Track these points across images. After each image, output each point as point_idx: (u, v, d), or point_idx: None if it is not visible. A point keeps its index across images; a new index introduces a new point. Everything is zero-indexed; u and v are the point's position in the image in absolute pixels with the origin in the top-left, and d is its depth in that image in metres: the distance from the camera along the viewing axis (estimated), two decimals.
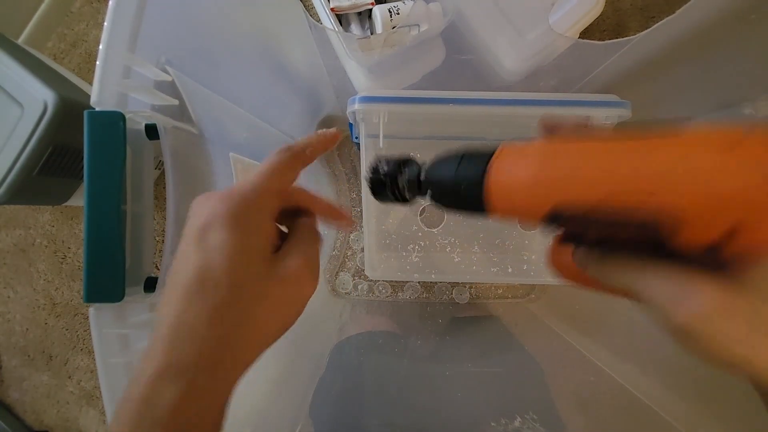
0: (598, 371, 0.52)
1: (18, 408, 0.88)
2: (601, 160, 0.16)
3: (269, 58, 0.55)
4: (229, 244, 0.19)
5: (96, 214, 0.28)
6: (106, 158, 0.29)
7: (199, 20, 0.40)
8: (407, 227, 0.62)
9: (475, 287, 0.78)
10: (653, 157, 0.15)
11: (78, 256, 0.88)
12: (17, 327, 0.88)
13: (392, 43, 0.51)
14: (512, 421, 0.40)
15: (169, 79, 0.33)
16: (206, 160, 0.37)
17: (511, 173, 0.19)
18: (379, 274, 0.59)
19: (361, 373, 0.52)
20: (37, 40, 0.85)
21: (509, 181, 0.19)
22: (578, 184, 0.16)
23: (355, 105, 0.46)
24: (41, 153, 0.62)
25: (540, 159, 0.18)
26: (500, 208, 0.19)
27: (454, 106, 0.46)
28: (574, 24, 0.50)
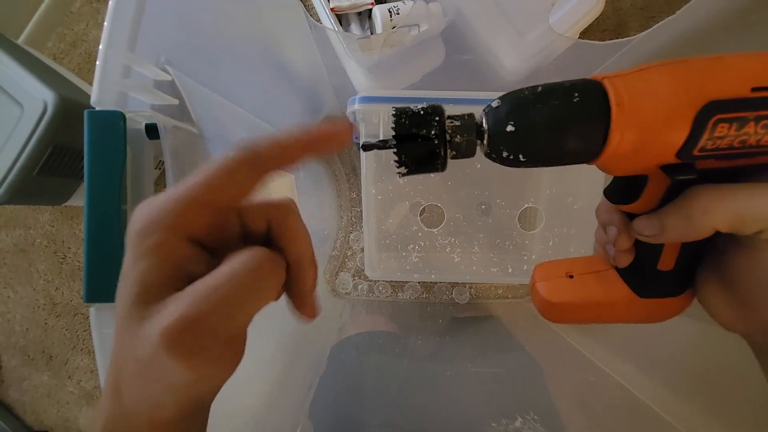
0: (598, 371, 0.52)
1: (18, 408, 0.88)
2: (736, 57, 0.16)
3: (269, 58, 0.55)
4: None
5: (96, 214, 0.28)
6: (106, 158, 0.29)
7: (199, 20, 0.40)
8: (407, 227, 0.62)
9: (475, 287, 0.78)
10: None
11: (78, 256, 0.88)
12: (17, 327, 0.88)
13: (392, 43, 0.51)
14: (513, 422, 0.40)
15: (169, 78, 0.33)
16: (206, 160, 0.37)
17: (648, 81, 0.16)
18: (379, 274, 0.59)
19: (361, 373, 0.52)
20: (37, 40, 0.85)
21: (647, 90, 0.16)
22: (728, 72, 0.16)
23: (355, 105, 0.46)
24: (41, 153, 0.62)
25: (673, 64, 0.17)
26: (637, 123, 0.16)
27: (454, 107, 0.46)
28: (574, 24, 0.50)
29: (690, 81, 0.16)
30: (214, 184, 0.16)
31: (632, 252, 0.23)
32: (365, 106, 0.46)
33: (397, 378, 0.51)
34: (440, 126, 0.18)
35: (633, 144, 0.17)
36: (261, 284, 0.15)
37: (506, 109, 0.18)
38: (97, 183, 0.29)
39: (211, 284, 0.15)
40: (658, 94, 0.16)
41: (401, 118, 0.18)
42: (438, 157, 0.18)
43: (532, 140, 0.17)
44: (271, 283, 0.16)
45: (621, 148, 0.17)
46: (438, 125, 0.18)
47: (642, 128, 0.16)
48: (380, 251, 0.62)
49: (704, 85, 0.16)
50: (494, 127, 0.18)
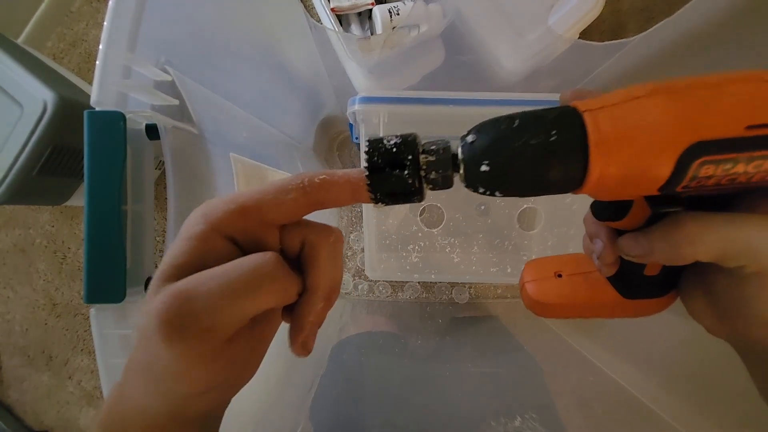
0: (597, 371, 0.52)
1: (18, 408, 0.88)
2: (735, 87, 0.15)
3: (269, 58, 0.55)
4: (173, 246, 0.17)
5: (96, 214, 0.28)
6: (106, 158, 0.29)
7: (198, 20, 0.40)
8: (407, 227, 0.62)
9: (475, 287, 0.78)
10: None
11: (78, 256, 0.88)
12: (17, 327, 0.88)
13: (392, 44, 0.51)
14: (512, 421, 0.40)
15: (169, 79, 0.33)
16: (206, 160, 0.37)
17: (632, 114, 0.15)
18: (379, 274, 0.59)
19: (362, 373, 0.52)
20: (36, 40, 0.85)
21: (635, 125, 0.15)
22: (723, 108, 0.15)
23: (355, 105, 0.46)
24: (41, 153, 0.62)
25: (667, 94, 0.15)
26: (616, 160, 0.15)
27: (455, 107, 0.46)
28: (573, 25, 0.50)
29: (684, 117, 0.15)
30: (264, 200, 0.17)
31: (617, 264, 0.23)
32: (365, 106, 0.46)
33: (397, 378, 0.51)
34: (413, 163, 0.17)
35: (613, 180, 0.16)
36: (257, 284, 0.16)
37: (481, 146, 0.17)
38: (97, 183, 0.29)
39: (214, 271, 0.16)
40: (646, 131, 0.15)
41: (373, 156, 0.17)
42: (414, 194, 0.18)
43: (508, 179, 0.17)
44: (269, 288, 0.16)
45: (601, 184, 0.16)
46: (411, 163, 0.17)
47: (623, 166, 0.15)
48: (380, 251, 0.62)
49: (697, 123, 0.15)
50: (469, 164, 0.17)
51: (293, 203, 0.17)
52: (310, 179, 0.17)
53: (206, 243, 0.17)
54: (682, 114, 0.15)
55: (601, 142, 0.15)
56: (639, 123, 0.15)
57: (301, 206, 0.18)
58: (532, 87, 0.57)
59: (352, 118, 0.49)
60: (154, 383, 0.17)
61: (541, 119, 0.16)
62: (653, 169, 0.15)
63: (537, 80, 0.55)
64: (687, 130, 0.15)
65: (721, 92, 0.15)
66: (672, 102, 0.15)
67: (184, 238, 0.17)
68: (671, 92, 0.15)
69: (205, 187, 0.36)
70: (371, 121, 0.47)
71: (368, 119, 0.48)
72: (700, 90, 0.15)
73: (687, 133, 0.15)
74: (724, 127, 0.15)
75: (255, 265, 0.16)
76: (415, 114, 0.47)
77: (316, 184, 0.17)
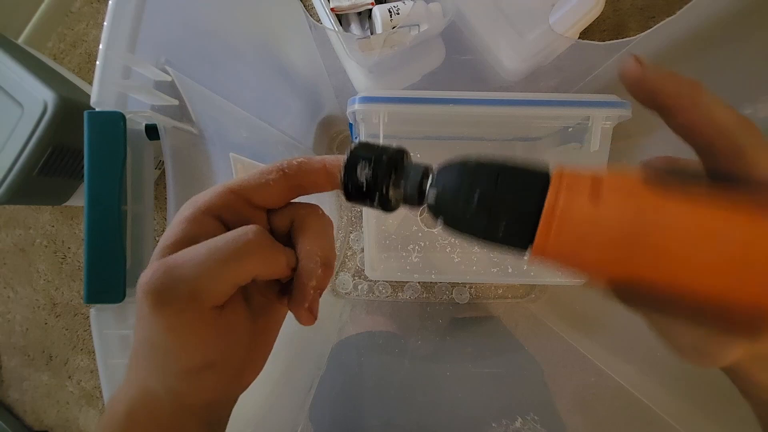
0: (598, 371, 0.52)
1: (18, 408, 0.88)
2: (727, 241, 0.12)
3: (269, 58, 0.55)
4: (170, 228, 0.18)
5: (96, 214, 0.28)
6: (106, 159, 0.29)
7: (199, 20, 0.40)
8: (407, 227, 0.62)
9: (475, 287, 0.78)
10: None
11: (78, 256, 0.88)
12: (17, 327, 0.88)
13: (392, 44, 0.51)
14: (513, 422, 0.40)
15: (169, 79, 0.33)
16: (206, 160, 0.37)
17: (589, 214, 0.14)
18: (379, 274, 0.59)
19: (362, 374, 0.52)
20: (37, 40, 0.85)
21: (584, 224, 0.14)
22: (685, 261, 0.13)
23: (355, 105, 0.46)
24: (41, 153, 0.62)
25: (637, 206, 0.13)
26: (559, 253, 0.14)
27: (454, 107, 0.46)
28: (574, 24, 0.50)
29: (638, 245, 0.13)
30: (248, 180, 0.18)
31: None
32: (365, 106, 0.46)
33: (397, 378, 0.51)
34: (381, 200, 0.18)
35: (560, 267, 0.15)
36: (241, 251, 0.16)
37: (441, 205, 0.17)
38: (97, 184, 0.29)
39: (196, 245, 0.17)
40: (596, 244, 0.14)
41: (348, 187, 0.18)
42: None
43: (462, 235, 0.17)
44: (254, 254, 0.17)
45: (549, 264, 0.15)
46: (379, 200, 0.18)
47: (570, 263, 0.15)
48: (380, 251, 0.62)
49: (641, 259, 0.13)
50: (430, 211, 0.17)
51: (275, 185, 0.18)
52: (289, 162, 0.18)
53: (196, 223, 0.18)
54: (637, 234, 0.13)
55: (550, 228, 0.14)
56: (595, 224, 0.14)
57: (283, 188, 0.19)
58: (532, 86, 0.57)
59: (351, 117, 0.49)
60: (152, 359, 0.17)
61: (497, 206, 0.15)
62: (592, 275, 0.15)
63: (537, 80, 0.55)
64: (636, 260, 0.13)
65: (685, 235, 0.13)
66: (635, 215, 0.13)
67: (175, 222, 0.18)
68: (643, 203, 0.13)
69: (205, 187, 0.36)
70: (371, 120, 0.47)
71: (368, 119, 0.47)
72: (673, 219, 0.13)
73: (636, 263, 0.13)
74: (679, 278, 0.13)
75: (238, 234, 0.17)
76: (415, 114, 0.47)
77: (294, 167, 0.18)
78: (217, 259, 0.16)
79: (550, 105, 0.46)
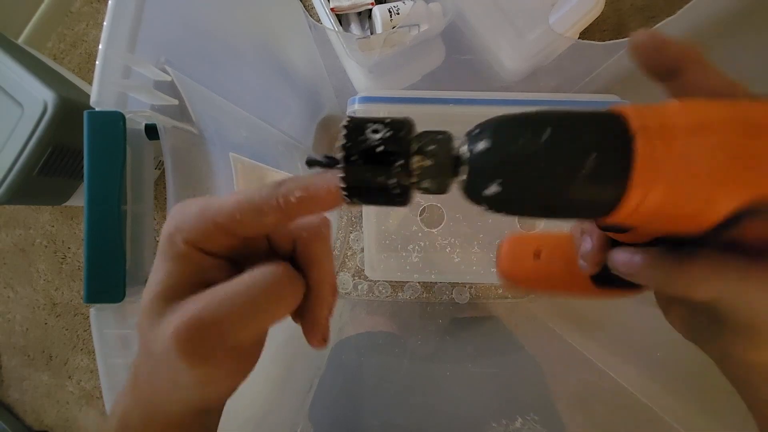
0: (598, 371, 0.52)
1: (18, 408, 0.88)
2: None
3: (269, 58, 0.55)
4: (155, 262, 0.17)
5: (96, 214, 0.28)
6: (106, 159, 0.29)
7: (198, 20, 0.40)
8: (407, 227, 0.62)
9: (475, 287, 0.78)
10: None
11: (78, 256, 0.88)
12: (17, 327, 0.88)
13: (392, 43, 0.51)
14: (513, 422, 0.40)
15: (169, 79, 0.33)
16: (206, 160, 0.37)
17: (699, 148, 0.12)
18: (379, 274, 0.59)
19: (361, 374, 0.52)
20: (37, 40, 0.85)
21: (695, 159, 0.12)
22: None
23: (355, 105, 0.46)
24: (41, 153, 0.62)
25: (749, 130, 0.12)
26: (660, 196, 0.12)
27: (454, 106, 0.46)
28: (573, 24, 0.50)
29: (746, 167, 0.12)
30: (240, 218, 0.15)
31: (599, 267, 0.21)
32: (365, 106, 0.46)
33: (397, 378, 0.51)
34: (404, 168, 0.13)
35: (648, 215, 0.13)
36: (277, 298, 0.16)
37: (495, 160, 0.13)
38: (96, 184, 0.29)
39: (229, 290, 0.15)
40: (709, 171, 0.12)
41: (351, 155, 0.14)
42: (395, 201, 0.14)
43: (522, 204, 0.13)
44: (288, 299, 0.16)
45: (632, 217, 0.13)
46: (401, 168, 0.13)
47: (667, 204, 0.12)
48: (380, 251, 0.62)
49: (751, 180, 0.12)
50: (475, 179, 0.13)
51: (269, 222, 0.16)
52: (286, 199, 0.15)
53: (192, 262, 0.16)
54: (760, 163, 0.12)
55: (651, 172, 0.12)
56: (704, 159, 0.12)
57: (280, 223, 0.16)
58: (532, 86, 0.57)
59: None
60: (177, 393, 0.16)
61: (578, 134, 0.12)
62: (700, 217, 0.13)
63: (537, 80, 0.55)
64: (760, 183, 0.12)
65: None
66: (753, 143, 0.12)
67: (167, 258, 0.16)
68: (755, 128, 0.12)
69: (204, 187, 0.36)
70: None
71: None
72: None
73: (759, 186, 0.12)
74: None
75: (271, 280, 0.15)
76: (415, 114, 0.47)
77: (293, 206, 0.15)
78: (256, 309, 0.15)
79: (551, 105, 0.46)
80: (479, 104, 0.46)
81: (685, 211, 0.13)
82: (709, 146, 0.12)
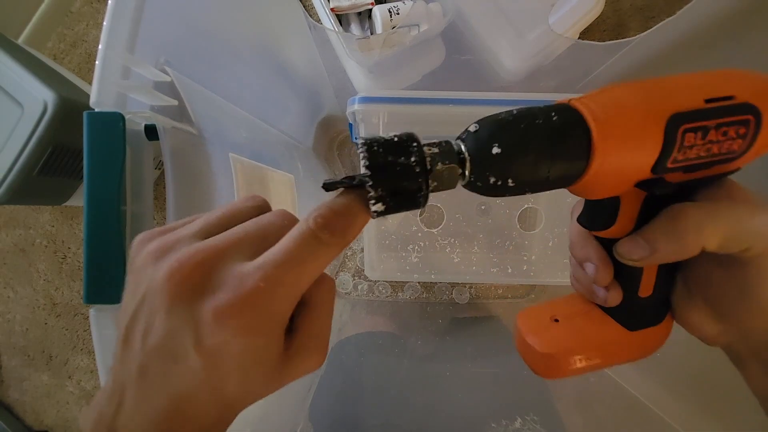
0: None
1: (18, 408, 0.88)
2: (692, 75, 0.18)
3: (269, 59, 0.55)
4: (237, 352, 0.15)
5: (96, 215, 0.28)
6: (106, 159, 0.29)
7: (198, 20, 0.40)
8: (407, 227, 0.62)
9: (475, 287, 0.78)
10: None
11: (78, 256, 0.88)
12: (17, 327, 0.88)
13: (392, 44, 0.50)
14: (513, 422, 0.40)
15: (169, 79, 0.33)
16: (206, 161, 0.37)
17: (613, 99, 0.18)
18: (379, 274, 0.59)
19: (361, 374, 0.52)
20: (37, 40, 0.85)
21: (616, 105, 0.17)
22: (682, 88, 0.18)
23: (354, 105, 0.46)
24: (41, 153, 0.62)
25: (636, 84, 0.18)
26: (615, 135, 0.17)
27: (455, 107, 0.46)
28: (573, 24, 0.50)
29: (651, 97, 0.18)
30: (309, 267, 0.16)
31: (619, 290, 0.22)
32: (365, 106, 0.46)
33: (397, 378, 0.51)
34: (419, 152, 0.16)
35: (615, 159, 0.17)
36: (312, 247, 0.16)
37: (488, 131, 0.17)
38: (96, 185, 0.29)
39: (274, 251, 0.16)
40: (627, 109, 0.17)
41: (373, 146, 0.16)
42: (421, 188, 0.16)
43: (519, 161, 0.17)
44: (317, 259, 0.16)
45: (604, 166, 0.17)
46: (417, 151, 0.16)
47: (621, 141, 0.17)
48: (380, 251, 0.62)
49: (664, 99, 0.17)
50: (478, 151, 0.17)
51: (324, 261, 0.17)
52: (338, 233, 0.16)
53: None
54: (649, 95, 0.18)
55: (597, 119, 0.17)
56: (622, 103, 0.17)
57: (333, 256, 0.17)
58: (532, 87, 0.57)
59: (351, 117, 0.49)
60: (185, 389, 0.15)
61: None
62: (646, 144, 0.17)
63: (537, 80, 0.55)
64: (660, 106, 0.17)
65: (676, 80, 0.18)
66: (637, 88, 0.18)
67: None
68: (633, 83, 0.18)
69: (204, 188, 0.36)
70: (371, 121, 0.47)
71: (368, 119, 0.47)
72: (658, 80, 0.18)
73: (661, 109, 0.17)
74: (688, 102, 0.17)
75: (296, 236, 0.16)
76: (415, 114, 0.47)
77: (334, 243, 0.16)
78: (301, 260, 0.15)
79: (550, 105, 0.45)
80: (479, 104, 0.46)
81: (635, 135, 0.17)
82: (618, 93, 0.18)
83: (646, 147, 0.17)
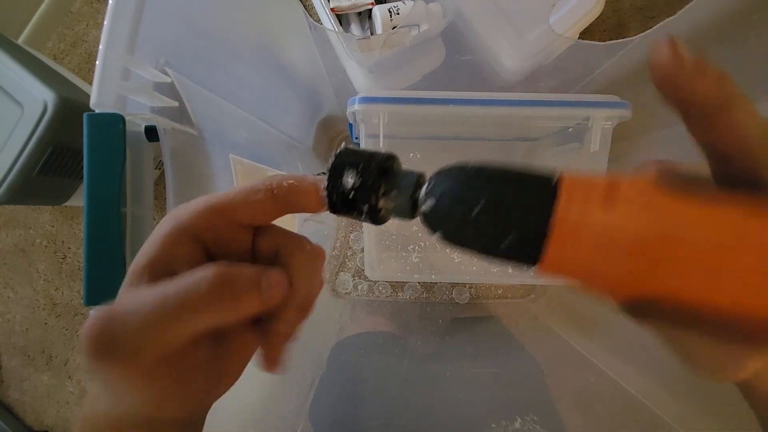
0: (598, 371, 0.52)
1: (18, 408, 0.88)
2: (754, 250, 0.11)
3: (269, 59, 0.55)
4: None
5: (96, 217, 0.28)
6: (106, 161, 0.29)
7: (198, 21, 0.40)
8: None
9: (475, 287, 0.78)
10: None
11: (78, 256, 0.88)
12: (17, 327, 0.88)
13: (392, 44, 0.50)
14: (513, 422, 0.40)
15: (169, 80, 0.33)
16: (206, 162, 0.37)
17: (604, 224, 0.12)
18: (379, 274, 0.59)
19: (361, 374, 0.52)
20: (37, 40, 0.85)
21: (599, 235, 0.13)
22: (710, 273, 0.12)
23: (354, 105, 0.46)
24: (41, 153, 0.62)
25: (657, 214, 0.12)
26: (572, 267, 0.14)
27: (454, 107, 0.46)
28: (573, 24, 0.50)
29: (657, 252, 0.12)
30: (234, 199, 0.17)
31: None
32: (365, 106, 0.46)
33: (397, 378, 0.51)
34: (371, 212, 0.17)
35: (571, 280, 0.14)
36: (196, 305, 0.15)
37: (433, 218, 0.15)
38: (96, 186, 0.29)
39: (144, 294, 0.15)
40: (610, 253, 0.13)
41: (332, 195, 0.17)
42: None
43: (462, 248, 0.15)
44: (213, 308, 0.15)
45: (559, 277, 0.14)
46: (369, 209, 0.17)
47: (581, 276, 0.14)
48: (380, 251, 0.62)
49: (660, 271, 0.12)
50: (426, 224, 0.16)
51: (261, 204, 0.17)
52: (279, 183, 0.17)
53: (173, 244, 0.17)
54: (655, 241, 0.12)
55: (556, 265, 0.14)
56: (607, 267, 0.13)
57: (269, 208, 0.17)
58: (532, 86, 0.57)
59: (351, 118, 0.49)
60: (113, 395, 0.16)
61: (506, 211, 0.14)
62: (605, 290, 0.14)
63: (537, 80, 0.55)
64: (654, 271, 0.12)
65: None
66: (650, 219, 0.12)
67: (152, 240, 0.17)
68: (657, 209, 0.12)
69: (204, 189, 0.36)
70: (371, 120, 0.47)
71: (368, 119, 0.47)
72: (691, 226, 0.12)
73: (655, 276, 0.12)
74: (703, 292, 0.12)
75: (193, 281, 0.15)
76: (415, 114, 0.47)
77: (284, 188, 0.17)
78: (166, 313, 0.14)
79: (551, 105, 0.45)
80: (479, 104, 0.46)
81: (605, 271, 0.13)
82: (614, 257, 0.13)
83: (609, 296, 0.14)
